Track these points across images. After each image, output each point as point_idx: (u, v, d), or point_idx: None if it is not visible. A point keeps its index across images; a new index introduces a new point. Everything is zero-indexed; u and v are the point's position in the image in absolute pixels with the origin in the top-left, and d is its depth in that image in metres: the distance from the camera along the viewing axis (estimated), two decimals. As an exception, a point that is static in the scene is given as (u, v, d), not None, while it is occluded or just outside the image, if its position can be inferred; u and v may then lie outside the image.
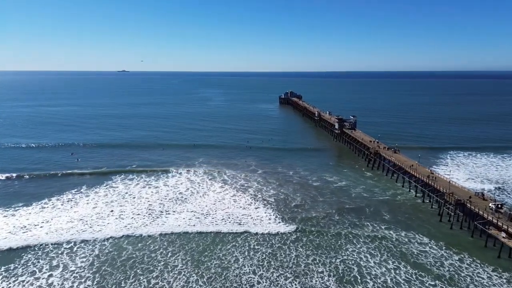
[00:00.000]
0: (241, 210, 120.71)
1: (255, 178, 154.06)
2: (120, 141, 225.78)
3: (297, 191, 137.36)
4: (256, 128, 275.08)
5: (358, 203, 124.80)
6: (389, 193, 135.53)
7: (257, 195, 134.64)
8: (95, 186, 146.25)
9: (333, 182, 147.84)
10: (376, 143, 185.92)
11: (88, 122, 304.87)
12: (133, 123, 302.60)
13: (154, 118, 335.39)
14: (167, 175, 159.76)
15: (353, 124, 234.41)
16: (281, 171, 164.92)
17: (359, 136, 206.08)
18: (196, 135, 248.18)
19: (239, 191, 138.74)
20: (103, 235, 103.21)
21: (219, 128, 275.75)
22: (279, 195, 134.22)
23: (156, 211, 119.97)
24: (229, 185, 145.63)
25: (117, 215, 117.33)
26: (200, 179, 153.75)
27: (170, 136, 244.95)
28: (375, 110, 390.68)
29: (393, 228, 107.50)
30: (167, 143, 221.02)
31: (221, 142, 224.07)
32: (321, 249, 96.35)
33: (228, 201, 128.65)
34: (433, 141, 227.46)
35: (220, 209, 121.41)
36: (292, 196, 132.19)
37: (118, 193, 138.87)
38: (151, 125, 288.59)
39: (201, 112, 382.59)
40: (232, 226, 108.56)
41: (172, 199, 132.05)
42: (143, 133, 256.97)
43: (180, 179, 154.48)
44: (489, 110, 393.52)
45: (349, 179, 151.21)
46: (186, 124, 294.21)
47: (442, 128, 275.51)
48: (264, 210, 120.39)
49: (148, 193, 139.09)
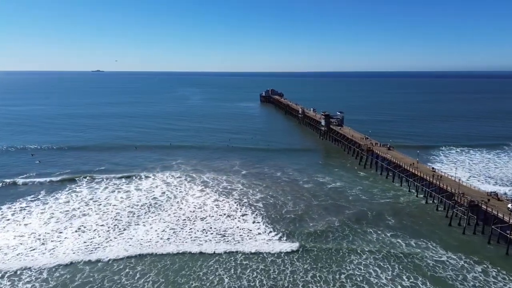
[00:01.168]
0: (226, 219, 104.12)
1: (239, 180, 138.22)
2: (88, 143, 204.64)
3: (287, 194, 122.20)
4: (237, 127, 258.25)
5: (358, 207, 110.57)
6: (389, 194, 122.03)
7: (243, 199, 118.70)
8: (55, 191, 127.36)
9: (327, 183, 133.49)
10: (367, 140, 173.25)
11: (53, 123, 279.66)
12: (104, 123, 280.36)
13: (127, 117, 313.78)
14: (140, 177, 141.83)
15: (341, 121, 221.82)
16: (267, 172, 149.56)
17: (348, 132, 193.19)
18: (172, 135, 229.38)
19: (221, 195, 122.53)
20: (56, 253, 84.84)
21: (197, 127, 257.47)
22: (268, 199, 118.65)
23: (123, 222, 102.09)
24: (210, 188, 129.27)
25: (76, 227, 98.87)
26: (177, 181, 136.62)
27: (144, 136, 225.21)
28: (359, 107, 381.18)
29: (400, 235, 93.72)
30: (140, 144, 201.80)
31: (200, 142, 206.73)
32: (321, 262, 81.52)
33: (209, 208, 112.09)
34: (422, 138, 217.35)
35: (200, 218, 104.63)
36: (282, 200, 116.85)
37: (82, 199, 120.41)
38: (124, 125, 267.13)
39: (177, 111, 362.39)
40: (215, 243, 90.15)
41: (145, 205, 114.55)
42: (114, 133, 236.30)
43: (155, 182, 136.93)
44: (478, 108, 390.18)
45: (343, 180, 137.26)
46: (162, 124, 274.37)
47: (430, 126, 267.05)
48: (252, 218, 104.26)
49: (117, 199, 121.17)
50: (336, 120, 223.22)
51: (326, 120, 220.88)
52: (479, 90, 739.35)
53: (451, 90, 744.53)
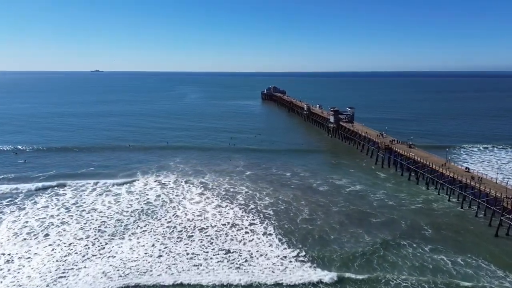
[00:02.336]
0: (230, 230, 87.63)
1: (243, 182, 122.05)
2: (78, 143, 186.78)
3: (300, 199, 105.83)
4: (239, 126, 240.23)
5: (386, 215, 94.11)
6: (419, 199, 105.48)
7: (249, 204, 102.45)
8: (35, 194, 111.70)
9: (344, 186, 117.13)
10: (384, 138, 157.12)
11: (41, 122, 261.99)
12: (96, 122, 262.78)
13: (122, 116, 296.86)
14: (132, 179, 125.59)
15: (351, 117, 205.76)
16: (275, 172, 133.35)
17: (361, 129, 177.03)
18: (170, 134, 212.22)
19: (224, 200, 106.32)
20: (19, 277, 68.32)
21: (196, 126, 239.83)
22: (278, 204, 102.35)
23: (108, 233, 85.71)
24: (211, 191, 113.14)
25: (51, 240, 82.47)
26: (174, 183, 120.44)
27: (139, 136, 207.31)
28: (363, 106, 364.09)
29: (442, 250, 77.43)
30: (135, 143, 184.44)
31: (200, 142, 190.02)
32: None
33: (210, 215, 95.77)
34: (438, 137, 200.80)
35: (199, 229, 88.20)
36: (296, 206, 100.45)
37: (63, 204, 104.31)
38: (118, 124, 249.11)
39: (175, 109, 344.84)
40: (217, 266, 72.03)
41: (135, 212, 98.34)
42: (107, 133, 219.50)
43: (149, 184, 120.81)
44: (490, 106, 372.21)
45: (362, 182, 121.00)
46: (159, 123, 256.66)
47: (443, 124, 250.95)
48: (262, 228, 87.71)
49: (104, 203, 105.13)
50: (346, 116, 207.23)
51: (335, 117, 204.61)
52: (484, 88, 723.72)
53: (457, 89, 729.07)
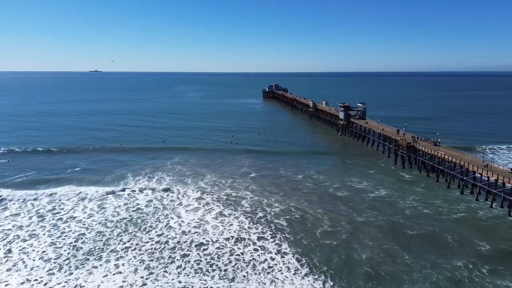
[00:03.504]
0: (235, 246, 70.98)
1: (248, 185, 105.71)
2: (64, 143, 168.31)
3: (317, 206, 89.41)
4: (241, 125, 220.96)
5: (425, 226, 77.51)
6: (459, 207, 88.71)
7: (256, 212, 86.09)
8: (7, 200, 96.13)
9: (366, 190, 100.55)
10: (404, 135, 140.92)
11: (23, 121, 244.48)
12: (86, 121, 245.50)
13: (116, 115, 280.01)
14: (122, 182, 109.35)
15: (363, 113, 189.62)
16: (283, 174, 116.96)
17: (376, 126, 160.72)
18: (167, 133, 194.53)
19: (226, 207, 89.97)
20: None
21: (195, 125, 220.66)
22: (291, 212, 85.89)
23: (83, 251, 69.14)
24: (211, 196, 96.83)
25: (12, 261, 65.88)
26: (168, 187, 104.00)
27: (134, 135, 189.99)
28: (371, 104, 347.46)
29: (506, 274, 61.02)
30: (129, 144, 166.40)
31: (199, 141, 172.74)
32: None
33: (210, 227, 79.33)
34: (459, 136, 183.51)
35: (196, 245, 71.72)
36: (313, 215, 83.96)
37: (38, 211, 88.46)
38: (111, 123, 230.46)
39: (173, 108, 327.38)
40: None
41: (121, 222, 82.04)
42: (98, 132, 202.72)
43: (140, 187, 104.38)
44: (510, 104, 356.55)
45: (386, 185, 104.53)
46: (155, 122, 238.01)
47: (457, 123, 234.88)
48: (275, 246, 71.05)
49: (86, 211, 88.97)
50: (357, 112, 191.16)
51: (345, 113, 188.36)
52: (496, 87, 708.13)
53: (467, 88, 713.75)
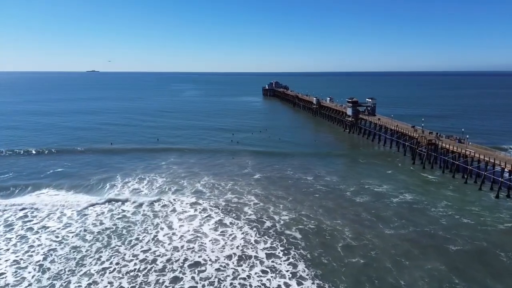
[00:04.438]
0: (239, 267, 57.64)
1: (251, 189, 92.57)
2: (48, 143, 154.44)
3: (333, 214, 76.08)
4: (240, 124, 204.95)
5: (468, 239, 63.93)
6: (504, 215, 74.67)
7: (263, 221, 72.91)
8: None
9: (388, 194, 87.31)
10: (422, 131, 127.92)
11: (8, 120, 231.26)
12: (74, 120, 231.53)
13: (109, 114, 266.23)
14: (109, 184, 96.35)
15: (372, 109, 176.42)
16: (291, 175, 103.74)
17: (390, 123, 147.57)
18: (163, 133, 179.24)
19: (227, 214, 76.82)
20: None
21: (193, 125, 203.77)
22: (303, 222, 72.57)
23: (50, 273, 56.16)
24: (208, 202, 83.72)
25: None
26: (159, 192, 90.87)
27: (126, 135, 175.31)
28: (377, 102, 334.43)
29: None
30: (121, 144, 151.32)
31: (197, 141, 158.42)
32: None
33: (209, 241, 66.11)
34: (479, 135, 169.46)
35: (189, 265, 58.56)
36: (330, 225, 70.62)
37: (6, 219, 77.68)
38: (102, 123, 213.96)
39: (170, 107, 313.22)
40: None
41: (103, 233, 69.08)
42: (88, 132, 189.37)
43: (128, 191, 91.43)
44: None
45: (409, 188, 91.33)
46: (150, 122, 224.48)
47: (478, 120, 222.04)
48: (289, 267, 57.76)
49: (62, 219, 76.90)
50: (366, 108, 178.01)
51: (353, 109, 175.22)
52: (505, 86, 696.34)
53: (479, 85, 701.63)
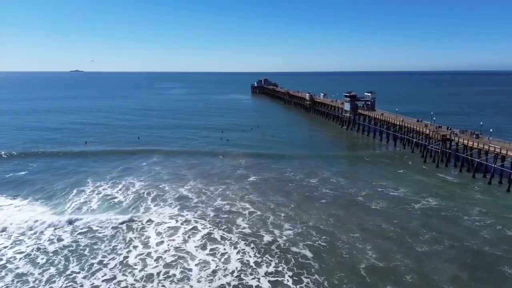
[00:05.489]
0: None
1: (246, 194, 78.44)
2: (9, 146, 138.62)
3: (348, 225, 62.21)
4: (230, 122, 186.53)
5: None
6: (554, 222, 63.07)
7: (262, 235, 58.70)
8: None
9: (407, 199, 73.76)
10: (437, 127, 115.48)
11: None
12: (44, 120, 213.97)
13: (85, 112, 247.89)
14: (73, 192, 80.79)
15: (372, 104, 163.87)
16: (291, 177, 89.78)
17: (394, 118, 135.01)
18: (143, 133, 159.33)
19: (218, 227, 62.45)
20: None
21: (178, 123, 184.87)
22: (312, 236, 58.53)
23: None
24: (194, 211, 69.25)
25: None
26: (135, 198, 75.91)
27: (104, 135, 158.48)
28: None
29: None
30: (95, 146, 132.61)
31: (181, 141, 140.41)
32: None
33: (195, 265, 51.61)
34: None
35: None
36: (346, 241, 56.64)
37: None
38: (76, 123, 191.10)
39: (155, 105, 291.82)
40: None
41: (59, 255, 54.55)
42: (57, 133, 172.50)
43: (95, 199, 76.17)
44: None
45: (431, 192, 78.13)
46: (132, 121, 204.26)
47: (487, 117, 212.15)
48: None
49: (11, 235, 62.62)
50: (364, 103, 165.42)
51: (351, 104, 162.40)
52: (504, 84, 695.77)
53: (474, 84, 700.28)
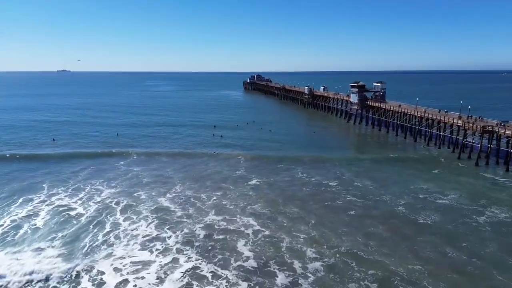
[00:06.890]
0: None
1: (247, 204, 59.44)
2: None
3: (400, 252, 43.31)
4: (223, 119, 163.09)
5: None
6: None
7: (273, 271, 39.55)
8: None
9: (464, 209, 55.19)
10: (473, 118, 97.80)
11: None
12: (8, 118, 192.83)
13: (61, 110, 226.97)
14: (17, 201, 60.63)
15: (382, 95, 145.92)
16: (304, 180, 70.86)
17: (413, 110, 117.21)
18: (122, 131, 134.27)
19: (206, 257, 43.17)
20: None
21: (166, 121, 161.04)
22: (352, 271, 39.52)
23: None
24: (174, 230, 50.12)
25: None
26: (98, 211, 56.31)
27: (77, 135, 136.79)
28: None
29: None
30: (63, 148, 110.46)
31: (168, 139, 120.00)
32: None
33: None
34: None
35: None
36: (403, 273, 37.75)
37: None
38: (47, 121, 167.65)
39: (140, 103, 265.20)
40: None
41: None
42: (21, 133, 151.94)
43: (43, 211, 56.49)
44: None
45: (491, 199, 59.44)
46: (112, 119, 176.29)
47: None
48: None
49: None
50: (373, 94, 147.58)
51: (360, 95, 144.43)
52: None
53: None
